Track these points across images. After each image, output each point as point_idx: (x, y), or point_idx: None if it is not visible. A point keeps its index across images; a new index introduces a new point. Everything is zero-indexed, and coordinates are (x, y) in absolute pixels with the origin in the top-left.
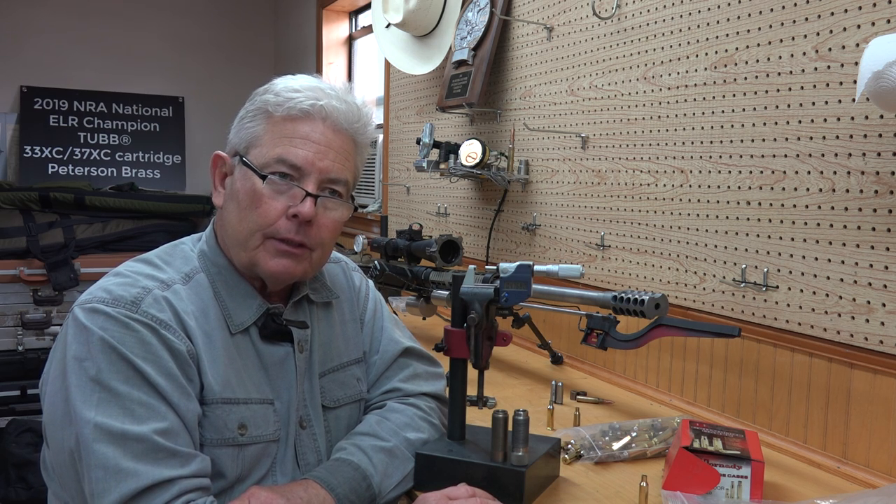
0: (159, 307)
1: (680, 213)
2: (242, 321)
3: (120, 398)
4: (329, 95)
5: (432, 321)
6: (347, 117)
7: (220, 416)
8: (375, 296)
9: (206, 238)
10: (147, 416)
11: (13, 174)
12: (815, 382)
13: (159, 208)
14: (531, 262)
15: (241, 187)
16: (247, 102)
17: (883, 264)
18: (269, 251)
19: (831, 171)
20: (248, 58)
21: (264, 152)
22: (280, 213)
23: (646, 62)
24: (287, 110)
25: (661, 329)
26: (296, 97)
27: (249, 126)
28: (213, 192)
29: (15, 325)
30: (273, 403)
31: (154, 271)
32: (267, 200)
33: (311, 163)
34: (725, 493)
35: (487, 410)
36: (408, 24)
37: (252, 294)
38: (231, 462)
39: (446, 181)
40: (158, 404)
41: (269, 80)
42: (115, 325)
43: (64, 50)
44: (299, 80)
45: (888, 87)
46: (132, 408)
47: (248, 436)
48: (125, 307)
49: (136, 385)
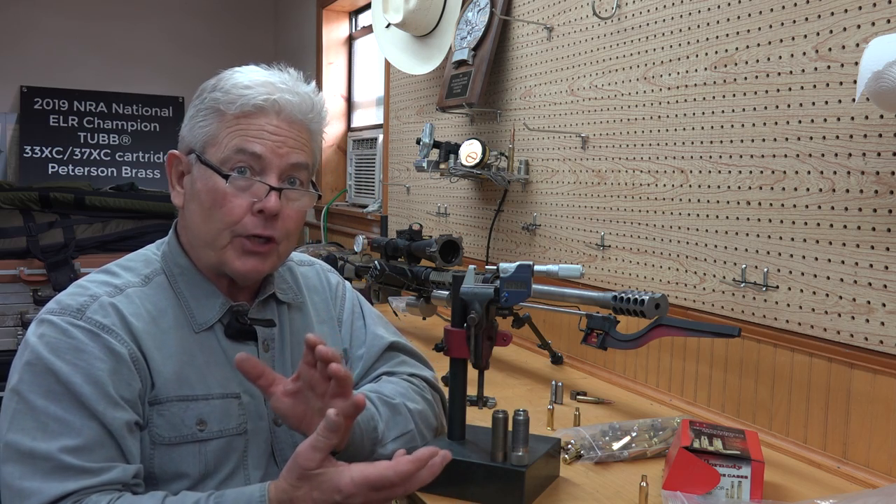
0: (104, 313)
1: (680, 213)
2: (206, 320)
3: (35, 412)
4: (281, 89)
5: (432, 321)
6: (301, 108)
7: (177, 413)
8: (353, 295)
9: (168, 240)
10: (59, 432)
11: (13, 174)
12: (815, 382)
13: (159, 208)
14: (531, 262)
15: (203, 187)
16: (195, 97)
17: (883, 264)
18: (237, 250)
19: (831, 171)
20: (248, 58)
21: (221, 148)
22: (245, 210)
23: (646, 62)
24: (240, 108)
25: (661, 329)
26: (247, 94)
27: (203, 125)
28: (171, 191)
29: (15, 325)
30: (239, 397)
31: (109, 278)
32: (231, 199)
33: (272, 151)
34: (725, 493)
35: (487, 410)
36: (408, 24)
37: (215, 293)
38: (192, 459)
39: (446, 181)
40: (74, 419)
41: (217, 74)
42: (54, 331)
43: (64, 50)
44: (248, 74)
45: (888, 87)
46: (46, 422)
47: (207, 430)
48: (70, 314)
49: (55, 398)
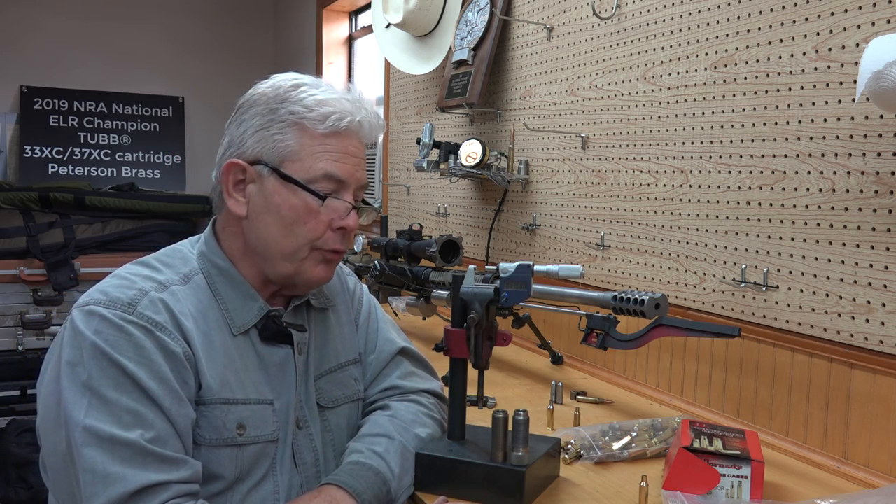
0: (155, 309)
1: (680, 213)
2: (244, 322)
3: (109, 405)
4: (361, 110)
5: (432, 321)
6: (376, 129)
7: (219, 416)
8: (369, 298)
9: (205, 239)
10: (134, 424)
11: (13, 174)
12: (815, 382)
13: (159, 208)
14: (531, 262)
15: (284, 202)
16: (260, 106)
17: (883, 264)
18: (315, 261)
19: (831, 171)
20: (248, 58)
21: (306, 167)
22: (327, 227)
23: (646, 62)
24: (328, 127)
25: (661, 329)
26: (333, 113)
27: (280, 138)
28: (227, 199)
29: (15, 325)
30: (272, 404)
31: (152, 273)
32: (317, 216)
33: (352, 175)
34: (725, 493)
35: (487, 410)
36: (408, 24)
37: (254, 296)
38: (229, 462)
39: (446, 181)
40: (146, 412)
41: (272, 80)
42: (110, 327)
43: (64, 50)
44: (324, 90)
45: (888, 87)
46: (120, 415)
47: (246, 436)
48: (121, 309)
49: (126, 391)
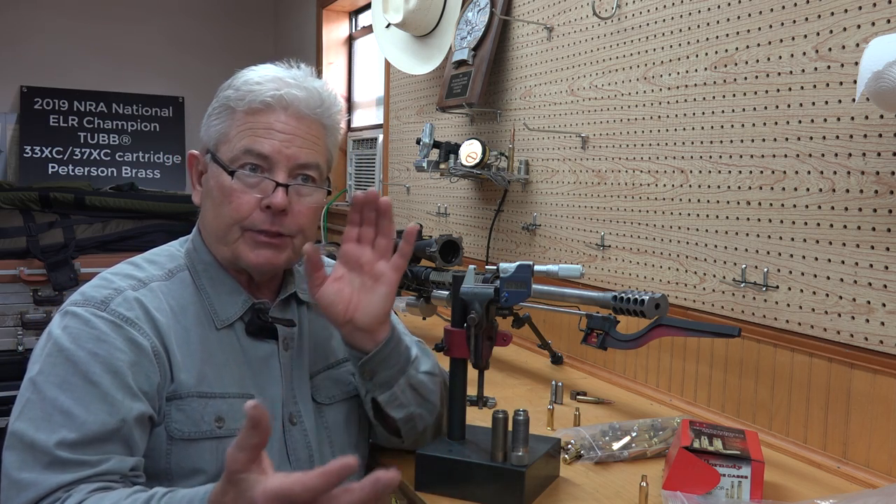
0: (128, 306)
1: (680, 213)
2: (228, 316)
3: (44, 402)
4: (289, 84)
5: (432, 321)
6: (308, 103)
7: (196, 409)
8: None
9: (192, 237)
10: (62, 424)
11: (13, 174)
12: (815, 382)
13: (159, 208)
14: (531, 262)
15: (215, 184)
16: (213, 99)
17: (883, 264)
18: (249, 243)
19: (831, 171)
20: (248, 58)
21: (232, 147)
22: (253, 206)
23: (646, 62)
24: (248, 104)
25: (661, 329)
26: (256, 90)
27: (215, 123)
28: (192, 190)
29: (15, 325)
30: (254, 398)
31: (134, 270)
32: (238, 195)
33: (278, 151)
34: (725, 493)
35: (487, 410)
36: (408, 24)
37: (238, 290)
38: (210, 456)
39: (446, 181)
40: (81, 412)
41: (233, 75)
42: (77, 321)
43: (64, 50)
44: (260, 71)
45: (888, 87)
46: (51, 414)
47: (226, 428)
48: (94, 306)
49: (69, 388)
